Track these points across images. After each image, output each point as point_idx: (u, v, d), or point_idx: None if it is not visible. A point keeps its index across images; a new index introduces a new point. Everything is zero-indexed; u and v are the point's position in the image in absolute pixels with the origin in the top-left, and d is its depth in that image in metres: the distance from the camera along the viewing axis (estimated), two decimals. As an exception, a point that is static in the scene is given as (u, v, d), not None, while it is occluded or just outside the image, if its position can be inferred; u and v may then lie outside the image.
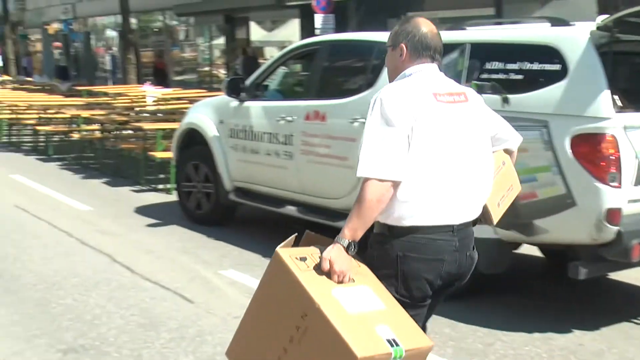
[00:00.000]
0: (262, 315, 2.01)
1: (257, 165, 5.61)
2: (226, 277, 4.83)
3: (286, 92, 6.09)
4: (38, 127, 11.59)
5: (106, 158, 9.80)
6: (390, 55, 2.15)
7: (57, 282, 4.71)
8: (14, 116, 12.77)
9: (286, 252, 1.98)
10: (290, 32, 22.03)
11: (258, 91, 5.84)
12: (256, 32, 24.22)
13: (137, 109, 12.03)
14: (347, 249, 1.94)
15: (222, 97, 6.15)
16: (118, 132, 10.08)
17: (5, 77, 26.17)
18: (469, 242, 2.10)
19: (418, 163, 1.97)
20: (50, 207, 7.11)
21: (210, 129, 6.11)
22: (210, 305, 4.26)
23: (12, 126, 12.89)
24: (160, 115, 11.12)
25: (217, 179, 6.02)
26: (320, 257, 1.94)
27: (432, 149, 1.98)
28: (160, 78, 23.73)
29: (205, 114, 6.25)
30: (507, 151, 2.34)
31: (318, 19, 16.58)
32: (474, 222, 2.15)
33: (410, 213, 1.98)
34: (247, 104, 5.76)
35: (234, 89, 5.77)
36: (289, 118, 5.29)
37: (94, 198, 7.66)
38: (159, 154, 8.01)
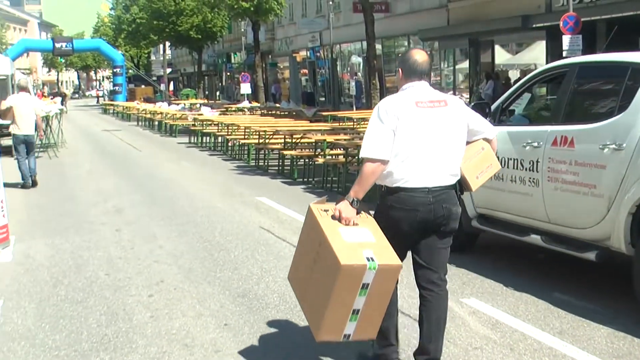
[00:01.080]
0: (302, 247, 3.77)
1: (501, 192, 5.86)
2: (468, 306, 5.09)
3: (532, 116, 6.27)
4: (284, 152, 13.17)
5: (349, 182, 10.69)
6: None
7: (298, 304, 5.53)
8: (261, 141, 14.70)
9: (315, 206, 3.73)
10: (536, 55, 21.81)
11: (503, 116, 6.14)
12: (501, 55, 24.28)
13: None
14: (351, 204, 3.63)
15: (466, 123, 6.66)
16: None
17: (255, 104, 29.68)
18: (446, 198, 3.72)
19: (401, 147, 3.63)
20: (294, 230, 8.05)
21: (453, 155, 6.68)
22: (451, 334, 4.50)
23: (259, 150, 14.80)
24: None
25: (460, 206, 6.42)
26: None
27: (411, 138, 3.63)
28: None
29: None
30: (486, 140, 4.01)
31: (565, 41, 16.40)
32: (461, 190, 3.86)
33: (397, 179, 3.67)
34: (492, 129, 6.22)
35: (479, 113, 6.15)
36: (535, 144, 5.49)
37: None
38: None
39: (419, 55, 3.85)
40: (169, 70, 64.39)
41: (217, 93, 56.32)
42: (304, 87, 41.03)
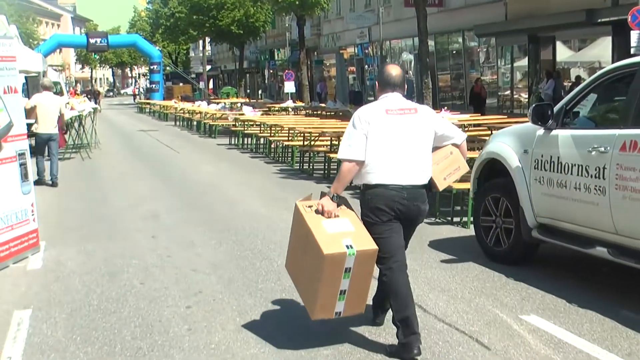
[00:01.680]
0: (294, 240, 4.81)
1: (564, 201, 5.84)
2: (527, 323, 5.08)
3: (599, 119, 6.22)
4: (331, 155, 13.22)
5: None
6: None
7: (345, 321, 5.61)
8: (306, 143, 14.80)
9: (301, 203, 4.68)
10: (600, 52, 21.44)
11: (567, 118, 6.09)
12: (562, 53, 23.94)
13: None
14: (332, 199, 4.60)
15: (526, 125, 6.51)
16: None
17: (299, 103, 29.86)
18: (417, 196, 4.63)
19: (373, 150, 4.55)
20: None
21: (512, 160, 6.49)
22: (509, 354, 4.54)
23: (304, 153, 14.90)
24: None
25: (519, 214, 6.38)
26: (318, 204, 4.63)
27: (381, 141, 4.56)
28: (477, 103, 24.54)
29: (507, 143, 6.67)
30: (455, 145, 4.90)
31: (634, 37, 16.07)
32: (430, 189, 4.73)
33: (373, 177, 4.58)
34: (555, 132, 6.06)
35: (541, 116, 6.06)
36: (602, 149, 5.46)
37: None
38: (456, 185, 8.68)
39: (393, 70, 4.88)
40: (208, 67, 65.23)
41: (259, 92, 56.84)
42: (351, 85, 41.11)
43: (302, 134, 15.47)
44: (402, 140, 4.67)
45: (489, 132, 12.71)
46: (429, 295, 5.90)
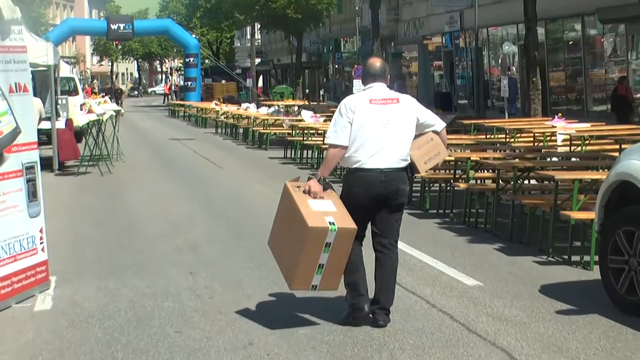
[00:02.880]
0: (280, 217, 6.63)
1: None
2: None
3: None
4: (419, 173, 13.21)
5: (501, 216, 10.78)
6: None
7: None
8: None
9: (290, 183, 6.58)
10: None
11: None
12: None
13: (545, 151, 12.85)
14: (318, 181, 6.48)
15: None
16: (518, 182, 10.96)
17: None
18: (395, 178, 6.45)
19: (357, 136, 6.43)
20: (427, 280, 8.17)
21: (652, 183, 6.52)
22: None
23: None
24: (576, 160, 11.78)
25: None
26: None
27: (364, 128, 6.43)
28: (622, 109, 23.34)
29: (644, 161, 6.68)
30: (435, 132, 6.64)
31: None
32: (412, 173, 6.61)
33: (355, 161, 6.47)
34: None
35: None
36: None
37: (484, 269, 8.59)
38: (575, 214, 8.59)
39: (375, 61, 6.86)
40: (257, 60, 65.95)
41: (322, 92, 57.20)
42: (437, 85, 41.03)
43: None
44: (384, 127, 6.51)
45: (618, 147, 12.53)
46: (541, 357, 5.88)
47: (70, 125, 18.29)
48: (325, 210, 6.38)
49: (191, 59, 53.03)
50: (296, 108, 30.61)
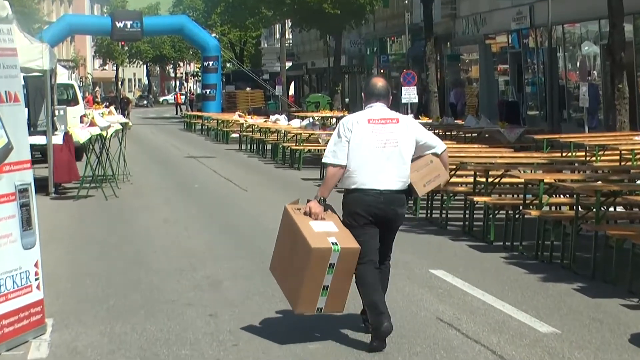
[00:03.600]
0: (281, 240, 7.83)
1: None
2: None
3: None
4: (475, 198, 13.19)
5: (581, 250, 10.71)
6: None
7: None
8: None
9: (290, 206, 7.77)
10: None
11: None
12: None
13: (634, 172, 12.70)
14: (319, 202, 7.61)
15: None
16: (601, 210, 10.89)
17: (424, 120, 29.76)
18: (394, 201, 7.63)
19: (353, 156, 7.57)
20: (491, 325, 8.16)
21: None
22: None
23: (433, 194, 14.73)
24: (673, 183, 11.66)
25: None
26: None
27: (361, 148, 7.57)
28: None
29: None
30: (435, 154, 7.87)
31: None
32: (411, 195, 7.93)
33: (353, 182, 7.60)
34: None
35: None
36: None
37: (561, 314, 8.54)
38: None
39: (378, 81, 7.95)
40: (288, 64, 66.22)
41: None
42: (502, 93, 40.84)
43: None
44: (382, 147, 7.54)
45: None
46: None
47: (68, 140, 18.38)
48: (328, 231, 7.42)
49: (210, 63, 53.39)
50: (334, 120, 30.55)
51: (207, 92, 54.00)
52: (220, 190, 19.48)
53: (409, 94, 33.89)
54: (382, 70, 55.91)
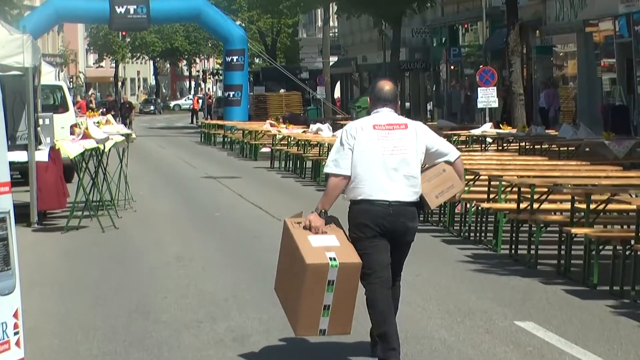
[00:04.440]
0: (282, 258, 9.06)
1: None
2: None
3: None
4: (572, 230, 13.10)
5: None
6: None
7: None
8: (524, 206, 14.66)
9: (289, 220, 8.98)
10: None
11: None
12: None
13: None
14: (319, 215, 8.76)
15: None
16: None
17: (506, 129, 29.65)
18: (403, 213, 8.72)
19: (359, 164, 8.70)
20: None
21: None
22: None
23: (519, 225, 14.83)
24: None
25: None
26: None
27: (367, 157, 8.70)
28: None
29: None
30: (448, 163, 8.99)
31: None
32: (422, 209, 9.09)
33: (358, 193, 8.72)
34: None
35: None
36: None
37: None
38: None
39: (384, 84, 8.92)
40: (333, 59, 66.25)
41: (429, 106, 57.21)
42: (607, 94, 40.61)
43: (513, 189, 15.51)
44: (389, 155, 8.54)
45: None
46: None
47: (56, 157, 18.48)
48: (327, 246, 8.41)
49: (234, 58, 53.53)
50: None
51: (231, 95, 54.12)
52: (247, 220, 19.50)
53: (487, 97, 33.87)
54: (452, 67, 56.04)
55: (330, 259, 8.19)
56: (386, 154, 8.47)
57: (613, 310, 11.26)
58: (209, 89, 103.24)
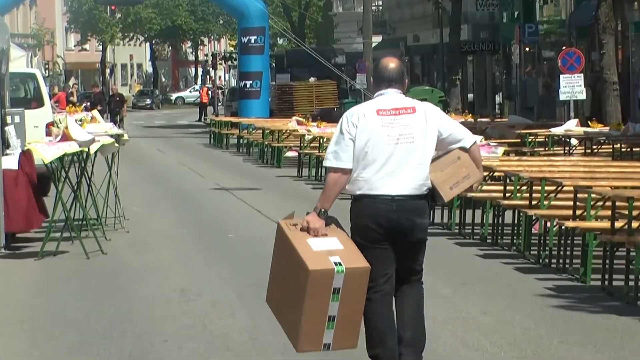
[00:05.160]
0: (276, 266, 9.74)
1: None
2: None
3: None
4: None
5: None
6: None
7: None
8: (620, 225, 14.71)
9: (284, 222, 9.68)
10: None
11: None
12: None
13: None
14: (319, 215, 9.49)
15: None
16: None
17: (596, 127, 29.59)
18: (409, 208, 9.51)
19: (361, 155, 9.49)
20: None
21: None
22: None
23: (613, 249, 14.82)
24: None
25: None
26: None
27: (370, 146, 9.46)
28: None
29: None
30: (464, 149, 9.73)
31: None
32: (434, 200, 9.82)
33: (360, 186, 9.54)
34: None
35: None
36: None
37: None
38: None
39: (389, 62, 9.52)
40: (377, 39, 66.22)
41: (498, 98, 57.16)
42: None
43: (607, 204, 15.52)
44: (395, 144, 9.20)
45: None
46: None
47: (28, 164, 18.49)
48: (330, 249, 9.04)
49: (252, 39, 53.76)
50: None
51: (247, 86, 54.30)
52: (269, 243, 19.22)
53: (572, 86, 33.77)
54: (527, 48, 55.93)
55: (335, 263, 8.79)
56: (391, 143, 9.12)
57: None
58: (220, 77, 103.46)
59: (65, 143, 18.48)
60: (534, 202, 17.76)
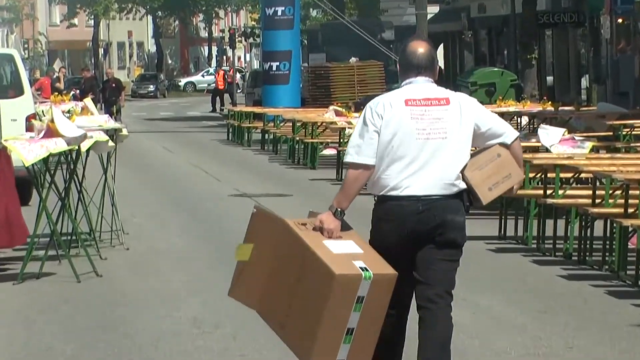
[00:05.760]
0: (273, 271, 10.10)
1: None
2: None
3: None
4: None
5: None
6: None
7: None
8: None
9: (292, 221, 10.17)
10: None
11: None
12: None
13: None
14: (334, 214, 10.07)
15: None
16: None
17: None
18: (439, 206, 10.02)
19: (386, 151, 10.03)
20: None
21: None
22: None
23: None
24: None
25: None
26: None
27: (397, 141, 9.99)
28: None
29: None
30: (504, 145, 10.25)
31: None
32: (469, 201, 10.23)
33: (384, 186, 10.10)
34: None
35: None
36: None
37: None
38: None
39: (418, 46, 9.87)
40: (433, 10, 66.36)
41: (585, 80, 57.22)
42: None
43: None
44: (425, 139, 9.64)
45: None
46: None
47: (5, 166, 18.52)
48: (350, 253, 9.52)
49: (279, 10, 53.87)
50: (524, 121, 30.50)
51: (273, 68, 54.45)
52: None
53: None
54: (618, 20, 55.91)
55: (362, 268, 9.21)
56: (421, 138, 9.55)
57: None
58: (239, 58, 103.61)
59: (50, 140, 18.42)
60: (630, 210, 17.76)
